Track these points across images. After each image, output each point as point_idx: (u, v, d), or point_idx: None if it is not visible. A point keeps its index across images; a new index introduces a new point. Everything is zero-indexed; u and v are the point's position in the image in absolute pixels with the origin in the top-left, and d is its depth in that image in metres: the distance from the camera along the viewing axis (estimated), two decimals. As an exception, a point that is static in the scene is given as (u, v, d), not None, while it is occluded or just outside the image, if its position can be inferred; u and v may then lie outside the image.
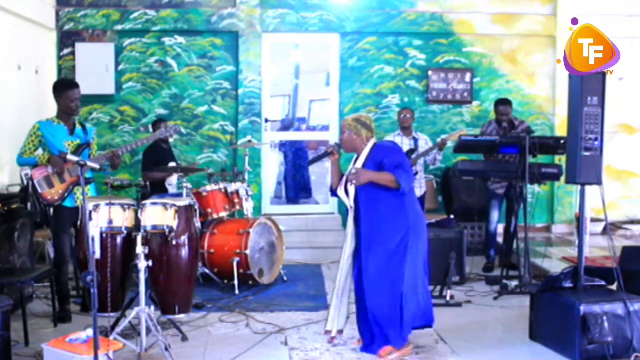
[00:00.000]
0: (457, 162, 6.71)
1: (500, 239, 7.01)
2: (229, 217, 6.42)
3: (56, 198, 4.95)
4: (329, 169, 4.67)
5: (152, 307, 4.35)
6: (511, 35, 8.38)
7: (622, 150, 8.41)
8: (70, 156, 4.00)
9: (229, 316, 5.19)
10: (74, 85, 5.08)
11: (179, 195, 5.88)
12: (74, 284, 5.61)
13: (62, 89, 5.06)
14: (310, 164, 4.88)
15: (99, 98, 7.89)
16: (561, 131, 7.91)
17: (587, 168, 4.48)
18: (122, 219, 4.53)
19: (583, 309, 4.18)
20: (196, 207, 5.00)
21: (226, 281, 6.02)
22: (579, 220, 5.25)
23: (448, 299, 5.50)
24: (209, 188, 6.18)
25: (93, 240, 4.12)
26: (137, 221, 4.50)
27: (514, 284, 5.93)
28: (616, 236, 7.85)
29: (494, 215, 6.82)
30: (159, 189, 6.53)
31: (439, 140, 6.79)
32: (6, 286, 4.74)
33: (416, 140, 6.73)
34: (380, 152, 4.28)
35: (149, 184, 6.52)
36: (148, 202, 4.64)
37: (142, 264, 4.25)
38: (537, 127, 8.13)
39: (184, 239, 4.59)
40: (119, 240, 4.58)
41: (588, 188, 4.62)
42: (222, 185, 6.26)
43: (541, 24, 8.36)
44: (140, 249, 4.26)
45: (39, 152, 5.02)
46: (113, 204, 4.50)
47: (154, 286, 4.59)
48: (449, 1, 8.25)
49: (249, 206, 6.41)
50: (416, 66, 8.32)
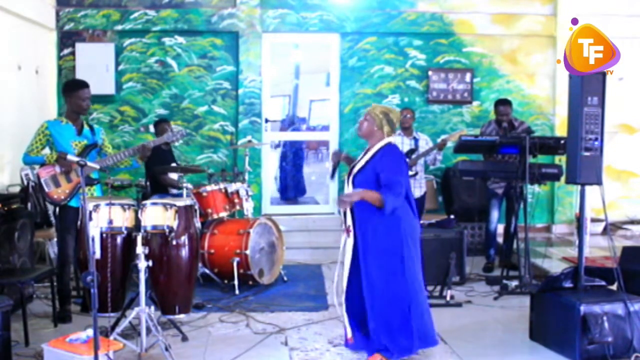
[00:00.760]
0: (457, 162, 6.70)
1: (500, 239, 7.01)
2: (229, 217, 6.42)
3: (62, 197, 4.95)
4: (329, 168, 4.66)
5: (152, 307, 4.36)
6: (511, 35, 8.38)
7: (622, 150, 8.40)
8: (70, 156, 4.00)
9: (229, 316, 5.19)
10: (84, 85, 5.10)
11: (179, 195, 5.89)
12: (74, 284, 5.61)
13: (73, 88, 5.08)
14: (333, 176, 4.71)
15: (99, 98, 7.86)
16: (561, 131, 7.91)
17: (587, 168, 4.48)
18: (122, 219, 4.53)
19: (583, 309, 4.18)
20: (196, 207, 5.00)
21: (226, 281, 6.01)
22: (579, 220, 5.25)
23: (448, 299, 5.50)
24: (209, 188, 6.18)
25: (93, 240, 4.13)
26: (137, 221, 4.50)
27: (514, 284, 5.93)
28: (616, 236, 7.85)
29: (494, 215, 6.83)
30: (159, 189, 6.53)
31: (439, 140, 6.79)
32: (6, 286, 4.74)
33: (416, 140, 6.73)
34: (384, 160, 4.15)
35: (149, 184, 6.51)
36: (148, 202, 4.64)
37: (142, 264, 4.25)
38: (537, 127, 8.13)
39: (184, 239, 4.59)
40: (119, 240, 4.58)
41: (588, 188, 4.61)
42: (222, 185, 6.26)
43: (541, 24, 8.36)
44: (140, 249, 4.26)
45: (46, 151, 5.03)
46: (113, 204, 4.49)
47: (154, 286, 4.60)
48: (449, 1, 8.25)
49: (249, 206, 6.42)
50: (416, 66, 8.32)
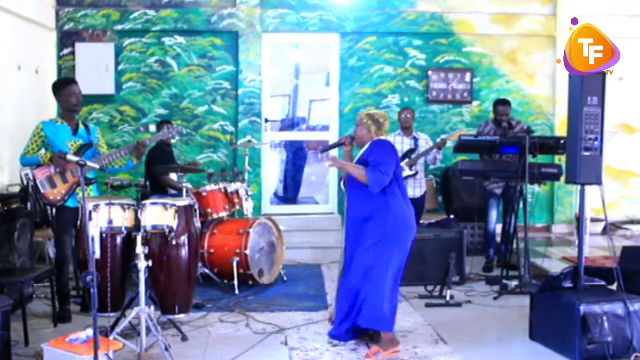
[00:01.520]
0: (457, 162, 6.71)
1: (499, 239, 7.01)
2: (229, 217, 6.42)
3: (58, 198, 4.94)
4: (329, 168, 4.69)
5: (152, 307, 4.35)
6: (511, 35, 8.38)
7: (622, 150, 8.41)
8: (70, 156, 4.00)
9: (229, 316, 5.19)
10: (71, 82, 5.13)
11: (179, 196, 5.88)
12: (74, 284, 5.61)
13: (60, 86, 5.09)
14: (323, 151, 4.85)
15: (98, 98, 7.88)
16: (561, 131, 7.91)
17: (587, 168, 4.49)
18: (122, 219, 4.53)
19: (583, 309, 4.18)
20: (196, 207, 5.00)
21: (226, 281, 6.01)
22: (579, 220, 5.25)
23: (448, 299, 5.50)
24: (209, 188, 6.18)
25: (93, 240, 4.13)
26: (137, 221, 4.50)
27: (513, 284, 5.93)
28: (616, 236, 7.85)
29: (492, 215, 6.83)
30: (159, 189, 6.53)
31: (438, 140, 6.79)
32: (6, 286, 4.73)
33: (416, 140, 6.73)
34: (372, 149, 4.38)
35: (149, 184, 6.52)
36: (148, 202, 4.64)
37: (142, 264, 4.25)
38: (537, 127, 8.13)
39: (184, 239, 4.59)
40: (119, 240, 4.58)
41: (588, 188, 4.62)
42: (222, 185, 6.26)
43: (541, 24, 8.36)
44: (140, 249, 4.25)
45: (42, 152, 5.03)
46: (113, 204, 4.49)
47: (154, 286, 4.60)
48: (449, 1, 8.25)
49: (249, 206, 6.42)
50: (416, 66, 8.32)
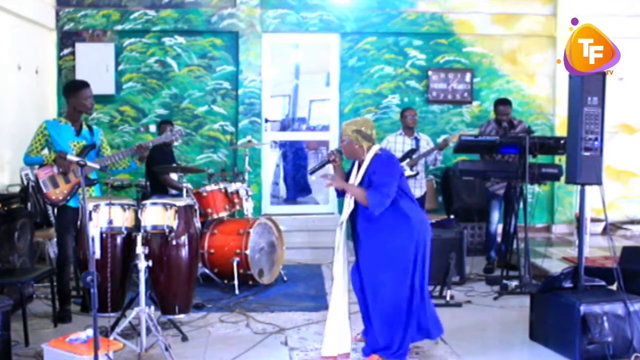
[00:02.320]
0: (457, 162, 6.70)
1: (500, 239, 7.01)
2: (229, 217, 6.42)
3: (60, 198, 4.94)
4: (317, 164, 4.65)
5: (152, 307, 4.35)
6: (511, 35, 8.38)
7: (622, 150, 8.41)
8: (70, 156, 4.01)
9: (229, 316, 5.19)
10: (86, 85, 5.11)
11: (179, 195, 5.88)
12: (74, 284, 5.61)
13: (75, 89, 5.08)
14: (312, 172, 4.76)
15: (99, 98, 7.78)
16: (561, 131, 7.91)
17: (587, 168, 4.49)
18: (122, 219, 4.52)
19: (583, 309, 4.18)
20: (196, 207, 5.00)
21: (226, 281, 6.01)
22: (579, 220, 5.25)
23: (448, 299, 5.50)
24: (208, 188, 6.18)
25: (93, 240, 4.13)
26: (137, 221, 4.49)
27: (514, 284, 5.93)
28: (616, 236, 7.85)
29: (494, 216, 6.81)
30: (159, 189, 6.53)
31: (440, 140, 6.78)
32: (6, 286, 4.74)
33: (417, 140, 6.73)
34: (376, 166, 4.18)
35: (149, 184, 6.52)
36: (148, 202, 4.63)
37: (142, 264, 4.25)
38: (537, 127, 8.12)
39: (184, 239, 4.59)
40: (118, 240, 4.58)
41: (588, 188, 4.62)
42: (222, 185, 6.26)
43: (541, 24, 8.36)
44: (140, 249, 4.26)
45: (45, 151, 5.02)
46: (113, 204, 4.49)
47: (154, 286, 4.60)
48: (449, 1, 8.25)
49: (248, 206, 6.42)
50: (416, 66, 8.32)
